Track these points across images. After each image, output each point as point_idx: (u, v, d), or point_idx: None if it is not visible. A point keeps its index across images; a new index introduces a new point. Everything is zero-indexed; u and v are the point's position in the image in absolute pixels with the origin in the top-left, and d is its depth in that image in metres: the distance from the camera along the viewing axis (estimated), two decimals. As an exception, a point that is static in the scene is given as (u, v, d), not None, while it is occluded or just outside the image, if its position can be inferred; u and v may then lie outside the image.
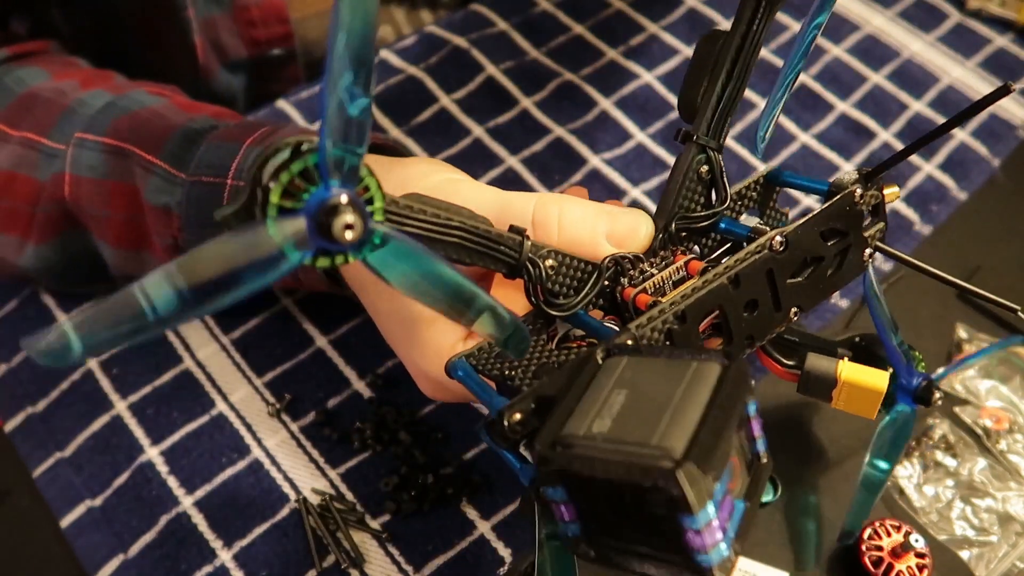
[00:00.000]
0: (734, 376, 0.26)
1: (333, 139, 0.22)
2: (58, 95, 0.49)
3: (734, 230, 0.38)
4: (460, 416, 0.50)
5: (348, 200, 0.23)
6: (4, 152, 0.48)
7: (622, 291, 0.36)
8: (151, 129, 0.46)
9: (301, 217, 0.23)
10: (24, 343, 0.21)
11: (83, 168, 0.46)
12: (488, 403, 0.34)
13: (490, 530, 0.46)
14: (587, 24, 0.69)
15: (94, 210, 0.46)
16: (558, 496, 0.26)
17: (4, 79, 0.50)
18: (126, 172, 0.45)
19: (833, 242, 0.37)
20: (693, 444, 0.24)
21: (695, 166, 0.38)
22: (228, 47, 0.59)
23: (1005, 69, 0.67)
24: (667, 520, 0.24)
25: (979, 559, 0.46)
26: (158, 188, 0.45)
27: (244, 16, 0.58)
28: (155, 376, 0.51)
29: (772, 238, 0.35)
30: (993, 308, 0.54)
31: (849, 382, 0.37)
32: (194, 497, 0.47)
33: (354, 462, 0.48)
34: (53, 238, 0.48)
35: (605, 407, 0.26)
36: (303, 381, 0.51)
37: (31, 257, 0.48)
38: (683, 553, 0.24)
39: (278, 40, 0.60)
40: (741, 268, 0.34)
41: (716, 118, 0.38)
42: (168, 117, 0.47)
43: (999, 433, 0.50)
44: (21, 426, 0.50)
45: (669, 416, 0.25)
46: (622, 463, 0.24)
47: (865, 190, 0.38)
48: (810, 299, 0.37)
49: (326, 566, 0.45)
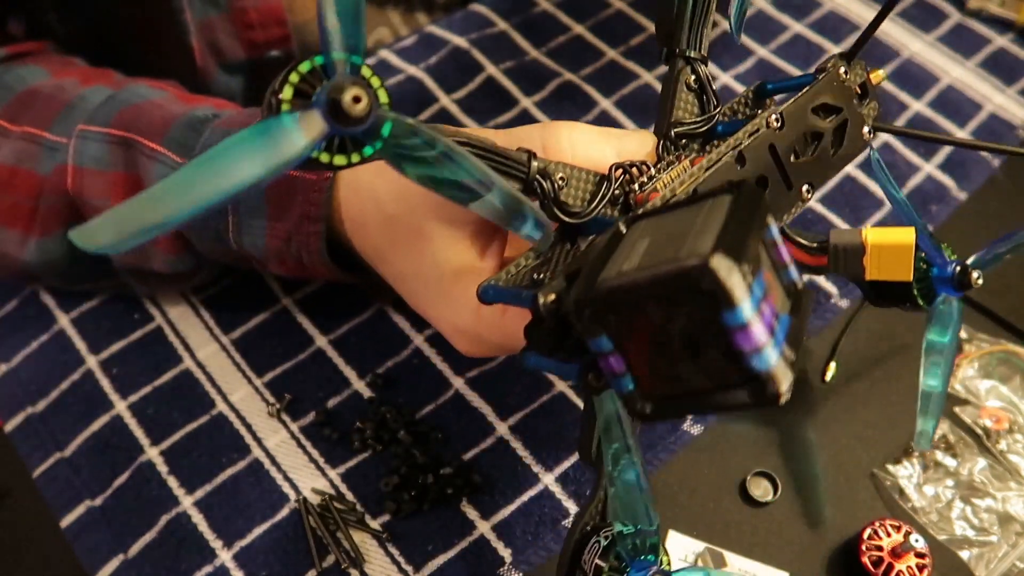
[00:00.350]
0: (747, 195, 0.26)
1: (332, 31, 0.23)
2: (58, 91, 0.49)
3: (731, 129, 0.39)
4: (460, 416, 0.50)
5: (353, 79, 0.24)
6: (6, 148, 0.48)
7: (635, 197, 0.36)
8: (153, 119, 0.46)
9: (314, 109, 0.24)
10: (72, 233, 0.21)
11: (86, 159, 0.46)
12: (523, 301, 0.33)
13: (490, 530, 0.46)
14: (587, 24, 0.69)
15: (97, 201, 0.46)
16: (604, 347, 0.25)
17: (4, 77, 0.50)
18: (129, 162, 0.46)
19: (829, 119, 0.40)
20: (720, 240, 0.23)
21: (682, 77, 0.40)
22: (226, 49, 0.59)
23: (1005, 69, 0.67)
24: (711, 329, 0.23)
25: (979, 559, 0.46)
26: (163, 175, 0.44)
27: (242, 18, 0.58)
28: (155, 376, 0.51)
29: (768, 116, 0.37)
30: (992, 306, 0.54)
31: (877, 245, 0.36)
32: (194, 497, 0.47)
33: (354, 462, 0.48)
34: (56, 231, 0.47)
35: (632, 252, 0.26)
36: (303, 381, 0.51)
37: (34, 251, 0.48)
38: (736, 364, 0.23)
39: (276, 42, 0.60)
40: (744, 146, 0.36)
41: (692, 30, 0.40)
42: (169, 108, 0.47)
43: (999, 433, 0.50)
44: (21, 426, 0.50)
45: (692, 235, 0.25)
46: (655, 278, 0.23)
47: (849, 68, 0.40)
48: (819, 175, 0.39)
49: (326, 566, 0.45)
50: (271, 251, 0.44)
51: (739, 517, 0.47)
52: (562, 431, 0.49)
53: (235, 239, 0.44)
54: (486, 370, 0.51)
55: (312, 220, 0.42)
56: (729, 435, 0.50)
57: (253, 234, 0.44)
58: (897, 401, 0.51)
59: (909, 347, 0.53)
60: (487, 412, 0.50)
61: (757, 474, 0.48)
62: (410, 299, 0.42)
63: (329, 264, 0.44)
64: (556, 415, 0.50)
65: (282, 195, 0.43)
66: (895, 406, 0.51)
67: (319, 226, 0.42)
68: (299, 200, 0.42)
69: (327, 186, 0.41)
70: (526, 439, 0.49)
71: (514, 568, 0.45)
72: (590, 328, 0.25)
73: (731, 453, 0.49)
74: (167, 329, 0.53)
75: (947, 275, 0.40)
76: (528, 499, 0.47)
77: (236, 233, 0.44)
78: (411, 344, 0.52)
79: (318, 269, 0.45)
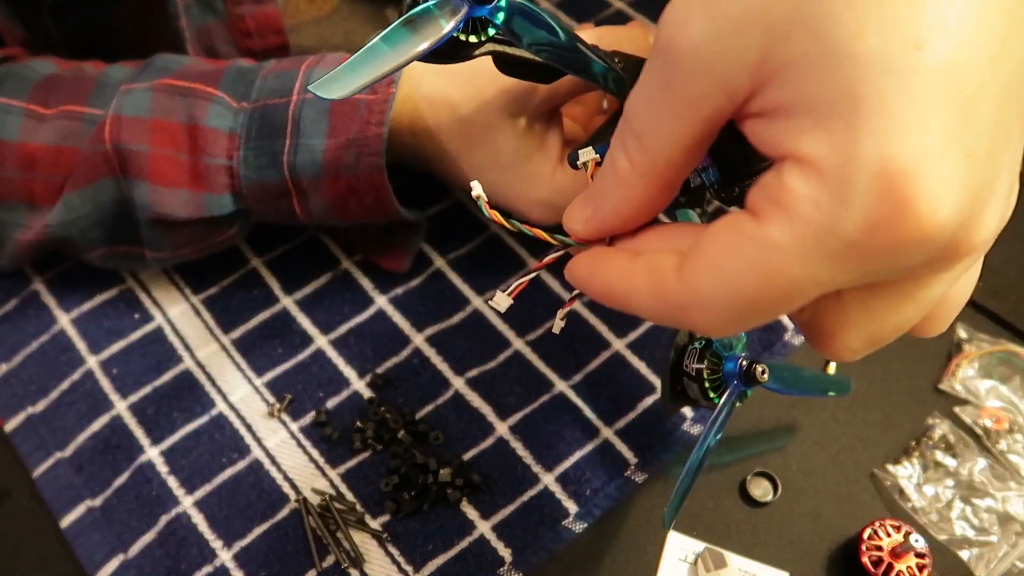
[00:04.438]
0: None
1: None
2: (80, 73, 0.50)
3: None
4: (460, 416, 0.50)
5: None
6: (45, 129, 0.48)
7: None
8: (201, 70, 0.48)
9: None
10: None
11: (128, 108, 0.47)
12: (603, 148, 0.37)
13: (490, 530, 0.46)
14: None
15: (134, 145, 0.46)
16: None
17: (17, 70, 0.50)
18: (174, 110, 0.47)
19: None
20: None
21: None
22: (223, 55, 0.59)
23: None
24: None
25: (979, 559, 0.46)
26: (219, 114, 0.47)
27: (239, 26, 0.58)
28: (155, 376, 0.51)
29: None
30: (992, 306, 0.54)
31: None
32: (194, 497, 0.47)
33: (354, 462, 0.48)
34: (85, 185, 0.48)
35: None
36: (303, 381, 0.51)
37: (60, 210, 0.48)
38: None
39: (274, 51, 0.60)
40: None
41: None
42: (210, 64, 0.50)
43: (999, 433, 0.50)
44: (21, 426, 0.50)
45: None
46: None
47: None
48: None
49: (326, 566, 0.45)
50: (327, 164, 0.46)
51: (739, 517, 0.47)
52: (562, 431, 0.49)
53: (289, 160, 0.46)
54: (486, 370, 0.51)
55: (375, 124, 0.46)
56: (729, 435, 0.50)
57: (312, 150, 0.46)
58: (897, 401, 0.51)
59: (909, 347, 0.53)
60: (487, 412, 0.50)
61: (757, 474, 0.48)
62: (489, 186, 0.46)
63: (383, 170, 0.46)
64: (556, 415, 0.50)
65: (345, 113, 0.46)
66: (895, 406, 0.51)
67: (382, 129, 0.45)
68: (362, 113, 0.46)
69: (390, 99, 0.46)
70: (526, 439, 0.49)
71: (514, 568, 0.45)
72: None
73: (731, 453, 0.49)
74: (167, 329, 0.53)
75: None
76: (528, 499, 0.47)
77: (292, 154, 0.46)
78: (411, 344, 0.52)
79: (369, 179, 0.47)
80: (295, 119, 0.46)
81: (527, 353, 0.52)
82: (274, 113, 0.47)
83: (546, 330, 0.53)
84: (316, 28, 0.63)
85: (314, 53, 0.63)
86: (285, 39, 0.60)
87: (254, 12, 0.58)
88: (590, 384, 0.51)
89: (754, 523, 0.47)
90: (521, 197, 0.47)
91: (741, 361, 0.41)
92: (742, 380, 0.40)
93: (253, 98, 0.47)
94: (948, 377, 0.52)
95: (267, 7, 0.58)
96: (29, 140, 0.48)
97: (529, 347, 0.52)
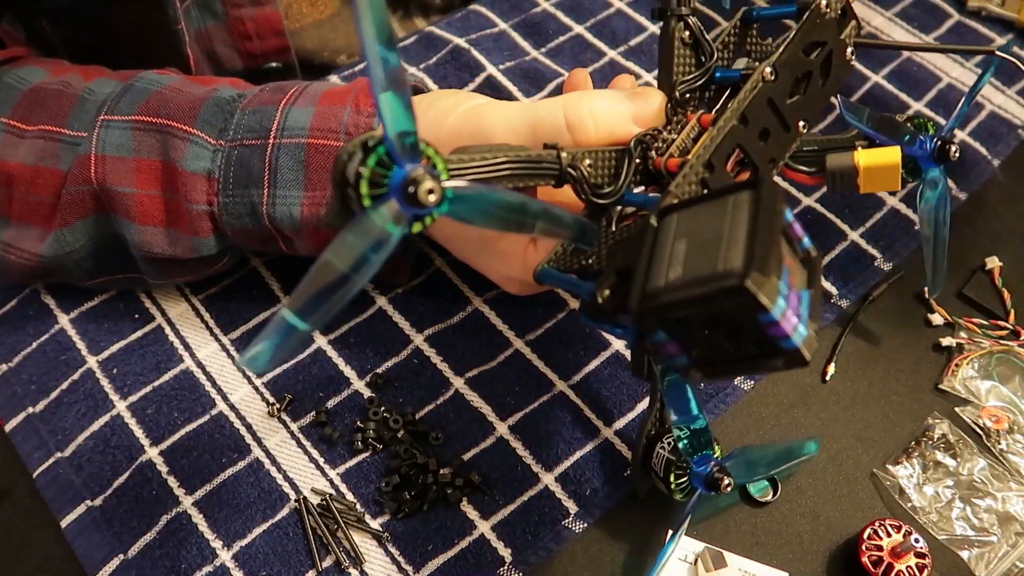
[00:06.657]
0: (765, 194, 0.31)
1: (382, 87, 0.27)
2: (64, 87, 0.49)
3: (728, 76, 0.44)
4: (460, 416, 0.50)
5: (423, 171, 0.28)
6: (24, 147, 0.48)
7: (653, 162, 0.41)
8: (179, 103, 0.47)
9: (391, 199, 0.28)
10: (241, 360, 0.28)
11: (110, 147, 0.46)
12: (579, 290, 0.41)
13: (490, 530, 0.46)
14: (587, 24, 0.69)
15: (121, 188, 0.46)
16: (661, 338, 0.31)
17: (4, 78, 0.50)
18: (153, 148, 0.46)
19: (815, 53, 0.42)
20: (750, 257, 0.29)
21: (677, 35, 0.44)
22: (223, 59, 0.59)
23: (1005, 69, 0.67)
24: (751, 324, 0.29)
25: (979, 559, 0.46)
26: (196, 155, 0.46)
27: (239, 29, 0.57)
28: (155, 376, 0.51)
29: (762, 72, 0.40)
30: (992, 306, 0.54)
31: (868, 166, 0.43)
32: (194, 497, 0.47)
33: (354, 462, 0.48)
34: (75, 222, 0.48)
35: (673, 257, 0.32)
36: (303, 381, 0.51)
37: (52, 244, 0.48)
38: (772, 344, 0.29)
39: (273, 53, 0.59)
40: (745, 107, 0.40)
41: None
42: (189, 91, 0.48)
43: (999, 433, 0.50)
44: (21, 426, 0.50)
45: (724, 245, 0.30)
46: (701, 295, 0.29)
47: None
48: (812, 110, 0.43)
49: (326, 566, 0.45)
50: (306, 219, 0.45)
51: (739, 517, 0.47)
52: (562, 431, 0.49)
53: (268, 212, 0.45)
54: (486, 370, 0.51)
55: None
56: (729, 435, 0.50)
57: (289, 204, 0.45)
58: (897, 401, 0.51)
59: (909, 347, 0.53)
60: (487, 412, 0.50)
61: (757, 474, 0.48)
62: (464, 258, 0.49)
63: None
64: (556, 415, 0.50)
65: (320, 165, 0.45)
66: (895, 406, 0.51)
67: None
68: None
69: None
70: (526, 439, 0.49)
71: (514, 568, 0.45)
72: (648, 329, 0.31)
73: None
74: (167, 329, 0.53)
75: (928, 152, 0.45)
76: (528, 499, 0.47)
77: (270, 205, 0.45)
78: (411, 344, 0.52)
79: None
80: (272, 166, 0.45)
81: (527, 353, 0.52)
82: (250, 158, 0.46)
83: (546, 330, 0.53)
84: (317, 31, 0.63)
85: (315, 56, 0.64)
86: (286, 41, 0.60)
87: (254, 14, 0.57)
88: (590, 384, 0.51)
89: (754, 523, 0.47)
90: (494, 271, 0.48)
91: (711, 469, 0.42)
92: (707, 487, 0.42)
93: (230, 136, 0.46)
94: (948, 377, 0.52)
95: (267, 9, 0.58)
96: (8, 158, 0.48)
97: (529, 347, 0.52)
